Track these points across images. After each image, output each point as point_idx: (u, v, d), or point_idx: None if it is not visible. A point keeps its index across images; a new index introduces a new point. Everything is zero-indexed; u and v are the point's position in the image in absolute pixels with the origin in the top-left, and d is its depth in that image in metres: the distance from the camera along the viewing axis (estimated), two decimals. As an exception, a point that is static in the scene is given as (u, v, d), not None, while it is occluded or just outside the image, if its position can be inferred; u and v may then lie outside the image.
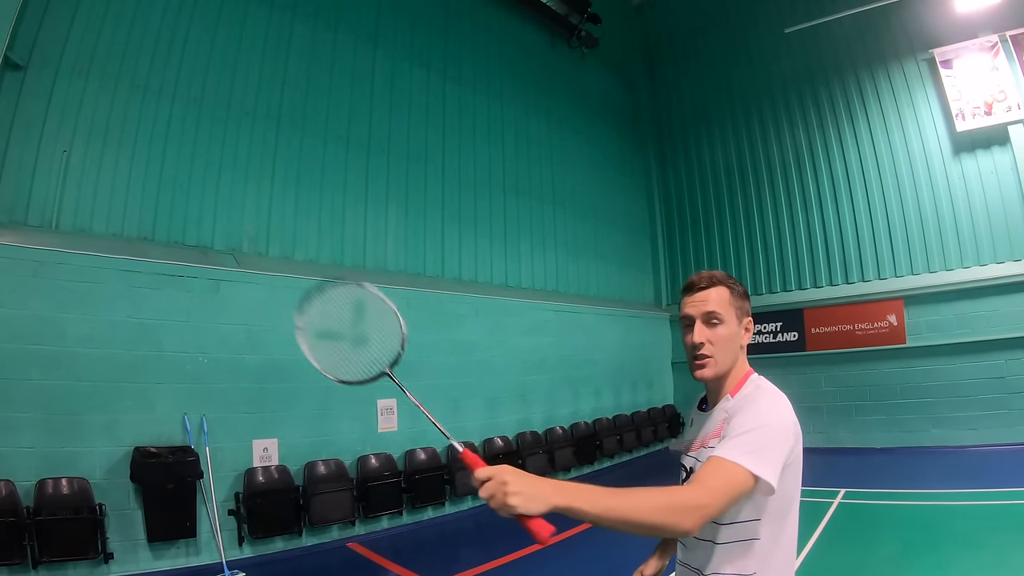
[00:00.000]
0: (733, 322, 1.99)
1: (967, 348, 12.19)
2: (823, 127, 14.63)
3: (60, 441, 6.16)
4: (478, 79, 12.24)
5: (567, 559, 7.07)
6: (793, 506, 1.91)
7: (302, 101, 8.99)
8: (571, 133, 14.70)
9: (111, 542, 6.26)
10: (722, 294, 2.00)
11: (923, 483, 9.33)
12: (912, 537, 6.92)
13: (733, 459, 1.69)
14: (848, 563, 6.26)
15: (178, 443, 6.89)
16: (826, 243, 14.40)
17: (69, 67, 6.75)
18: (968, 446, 11.85)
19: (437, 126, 11.13)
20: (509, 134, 12.78)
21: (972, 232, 12.40)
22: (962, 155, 12.62)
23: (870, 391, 13.31)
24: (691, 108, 17.29)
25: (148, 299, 6.90)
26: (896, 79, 13.50)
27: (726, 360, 1.99)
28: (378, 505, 8.43)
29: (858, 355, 13.60)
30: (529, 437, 11.32)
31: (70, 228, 6.63)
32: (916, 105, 13.21)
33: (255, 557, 7.32)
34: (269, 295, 7.98)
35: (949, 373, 12.35)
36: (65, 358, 6.28)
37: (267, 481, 7.55)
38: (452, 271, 10.85)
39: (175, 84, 7.62)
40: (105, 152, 6.97)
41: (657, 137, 18.04)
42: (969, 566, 5.80)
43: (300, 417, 8.13)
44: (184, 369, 7.10)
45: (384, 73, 10.29)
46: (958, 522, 7.25)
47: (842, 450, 13.20)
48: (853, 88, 14.20)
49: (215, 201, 7.87)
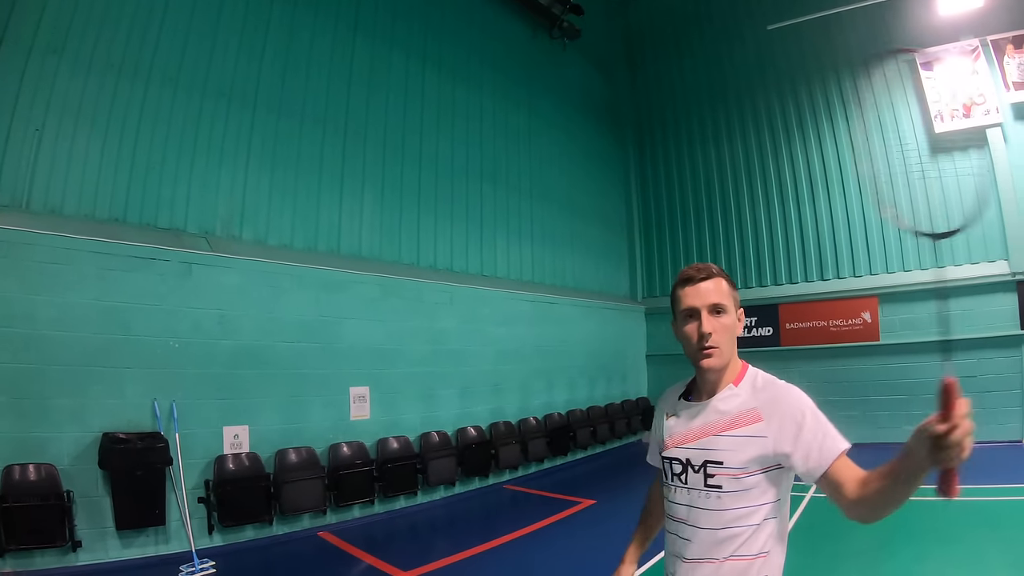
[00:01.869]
0: (733, 312, 2.05)
1: (940, 347, 12.40)
2: (803, 125, 14.73)
3: (28, 426, 6.01)
4: (458, 67, 12.14)
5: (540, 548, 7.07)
6: None
7: (279, 84, 8.83)
8: (550, 124, 14.66)
9: (79, 530, 6.12)
10: (721, 285, 2.04)
11: (895, 478, 9.36)
12: (885, 531, 6.96)
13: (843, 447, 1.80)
14: (822, 556, 6.29)
15: (147, 429, 6.75)
16: (802, 240, 14.53)
17: (43, 44, 6.54)
18: (940, 443, 11.99)
19: (415, 113, 11.02)
20: (487, 123, 12.70)
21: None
22: (939, 156, 12.75)
23: (844, 387, 13.44)
24: (671, 103, 17.33)
25: (119, 282, 6.74)
26: (877, 79, 13.59)
27: (730, 349, 2.04)
28: (350, 494, 8.36)
29: (832, 351, 13.76)
30: (503, 427, 11.29)
31: (41, 208, 6.45)
32: (895, 105, 13.32)
33: (225, 546, 7.22)
34: (242, 280, 7.86)
35: (922, 371, 12.49)
36: (34, 341, 6.11)
37: (238, 468, 7.44)
38: (427, 259, 10.76)
39: (150, 64, 7.42)
40: (78, 131, 6.78)
41: (636, 131, 18.08)
42: (943, 561, 5.87)
43: (272, 404, 8.02)
44: (155, 354, 6.96)
45: (363, 58, 10.15)
46: (931, 517, 7.30)
47: (814, 445, 13.34)
48: (834, 87, 14.31)
49: (189, 183, 7.71)
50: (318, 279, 8.63)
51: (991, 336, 11.87)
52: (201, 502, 7.11)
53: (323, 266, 8.72)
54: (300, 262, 8.56)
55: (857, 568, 5.90)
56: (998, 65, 12.11)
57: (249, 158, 8.38)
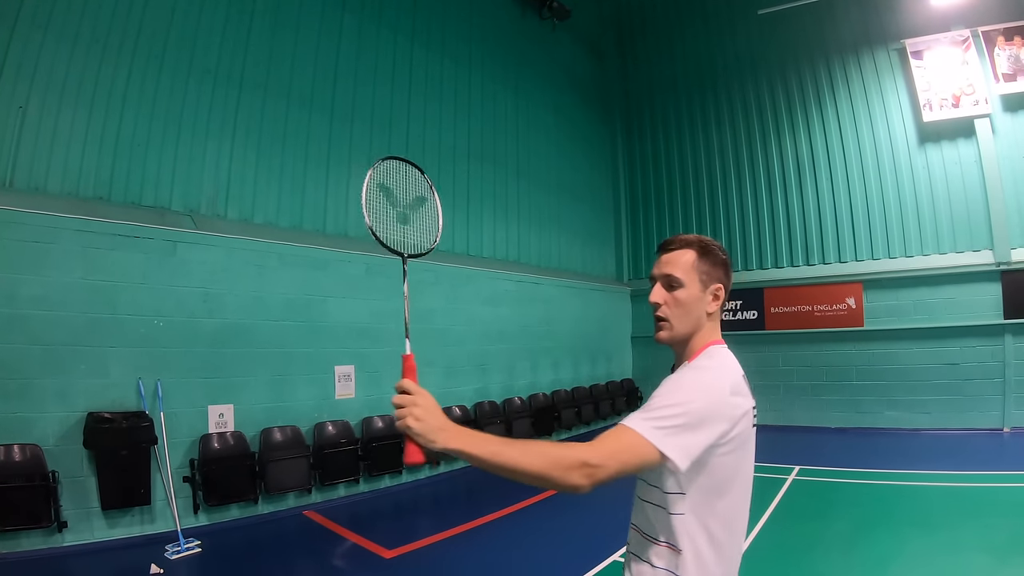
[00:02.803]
0: (695, 287, 1.93)
1: (924, 334, 12.55)
2: (791, 109, 14.73)
3: (12, 407, 5.95)
4: (446, 45, 12.00)
5: (523, 528, 7.13)
6: (731, 488, 1.83)
7: (266, 61, 8.69)
8: (538, 104, 14.56)
9: (64, 510, 6.10)
10: (687, 257, 1.94)
11: (877, 463, 9.55)
12: (866, 515, 7.08)
13: (640, 431, 1.65)
14: (801, 538, 6.39)
15: (132, 408, 6.71)
16: (788, 224, 14.59)
17: (27, 20, 6.37)
18: (921, 429, 12.28)
19: (403, 91, 10.89)
20: (476, 102, 12.60)
21: (933, 221, 12.68)
22: (927, 145, 12.85)
23: (827, 371, 13.63)
24: (660, 85, 17.25)
25: (103, 260, 6.66)
26: (866, 67, 13.62)
27: (682, 325, 1.94)
28: (335, 473, 8.39)
29: (816, 336, 13.89)
30: (487, 407, 11.34)
31: (24, 187, 6.32)
32: (885, 93, 13.39)
33: (210, 525, 7.23)
34: (227, 258, 7.80)
35: (905, 357, 12.72)
36: (17, 321, 6.04)
37: (222, 448, 7.43)
38: (413, 238, 10.67)
39: (136, 40, 7.26)
40: (62, 109, 6.64)
41: (624, 113, 18.00)
42: (922, 545, 5.96)
43: (257, 383, 8.00)
44: (139, 332, 6.90)
45: (351, 34, 9.98)
46: (911, 502, 7.46)
47: (797, 428, 13.53)
48: (823, 73, 14.30)
49: (173, 161, 7.59)
50: (303, 257, 8.57)
51: (974, 325, 12.03)
52: (186, 481, 7.10)
53: (308, 244, 8.65)
54: (286, 240, 8.49)
55: (838, 551, 5.97)
56: (988, 56, 12.16)
57: (235, 136, 8.25)
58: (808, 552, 5.95)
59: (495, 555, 6.39)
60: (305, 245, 8.60)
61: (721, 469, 1.76)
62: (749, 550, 5.99)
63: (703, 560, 1.78)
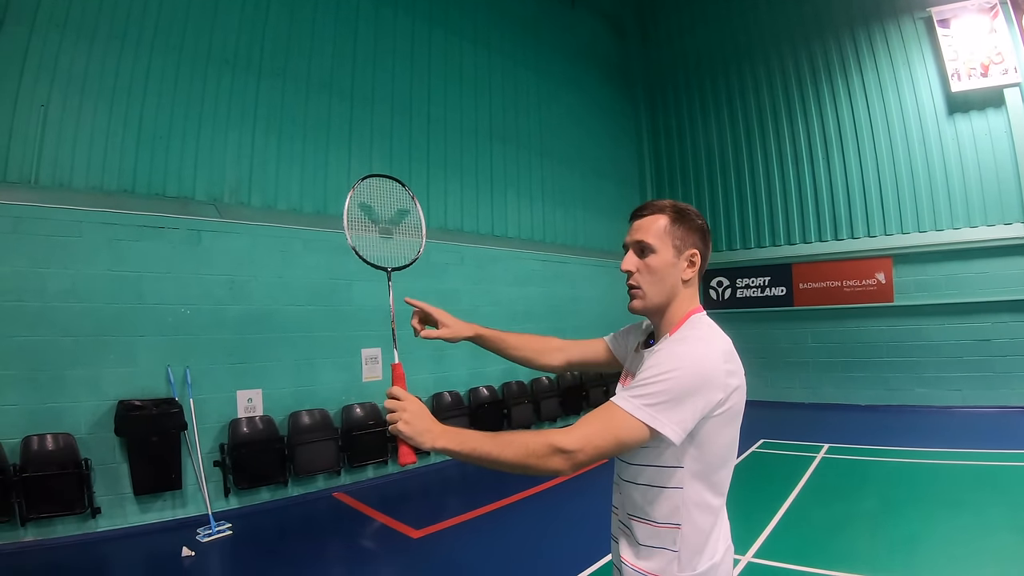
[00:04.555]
0: (668, 253, 1.89)
1: (955, 309, 12.25)
2: (816, 82, 14.37)
3: (44, 397, 6.14)
4: (464, 26, 11.90)
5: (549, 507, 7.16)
6: (728, 458, 1.84)
7: (284, 49, 8.70)
8: (559, 82, 14.39)
9: (98, 496, 6.29)
10: (660, 223, 1.90)
11: (907, 441, 9.42)
12: (894, 493, 7.02)
13: (627, 409, 1.65)
14: (829, 516, 6.35)
15: (162, 395, 6.85)
16: (816, 198, 14.29)
17: (45, 20, 6.47)
18: (952, 407, 12.04)
19: (422, 73, 10.84)
20: (496, 82, 12.50)
21: (964, 194, 12.32)
22: (956, 116, 12.45)
23: (856, 348, 13.41)
24: (683, 59, 16.92)
25: (129, 251, 6.80)
26: (892, 36, 13.21)
27: (655, 293, 1.91)
28: (363, 455, 8.48)
29: (845, 312, 13.66)
30: (515, 387, 11.37)
31: (50, 183, 6.45)
32: (911, 63, 12.97)
33: (241, 508, 7.37)
34: (251, 245, 7.90)
35: (936, 334, 12.45)
36: (47, 313, 6.21)
37: (252, 432, 7.56)
38: (437, 220, 10.67)
39: (153, 34, 7.33)
40: (83, 105, 6.74)
41: (647, 88, 17.71)
42: (952, 524, 5.88)
43: (284, 367, 8.11)
44: (166, 321, 7.03)
45: (368, 19, 9.94)
46: (940, 481, 7.35)
47: (827, 406, 13.40)
48: (848, 44, 13.90)
49: (196, 152, 7.66)
50: (327, 242, 8.60)
51: (1007, 300, 11.72)
52: (216, 465, 7.25)
53: (332, 229, 8.69)
54: (309, 226, 8.55)
55: (866, 530, 5.93)
56: (1017, 23, 11.73)
57: (256, 124, 8.29)
58: (836, 531, 5.90)
59: (521, 535, 6.44)
60: (329, 230, 8.62)
61: (713, 439, 1.75)
62: (777, 528, 6.01)
63: (702, 531, 1.80)
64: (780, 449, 9.41)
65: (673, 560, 1.78)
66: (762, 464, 8.77)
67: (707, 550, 1.80)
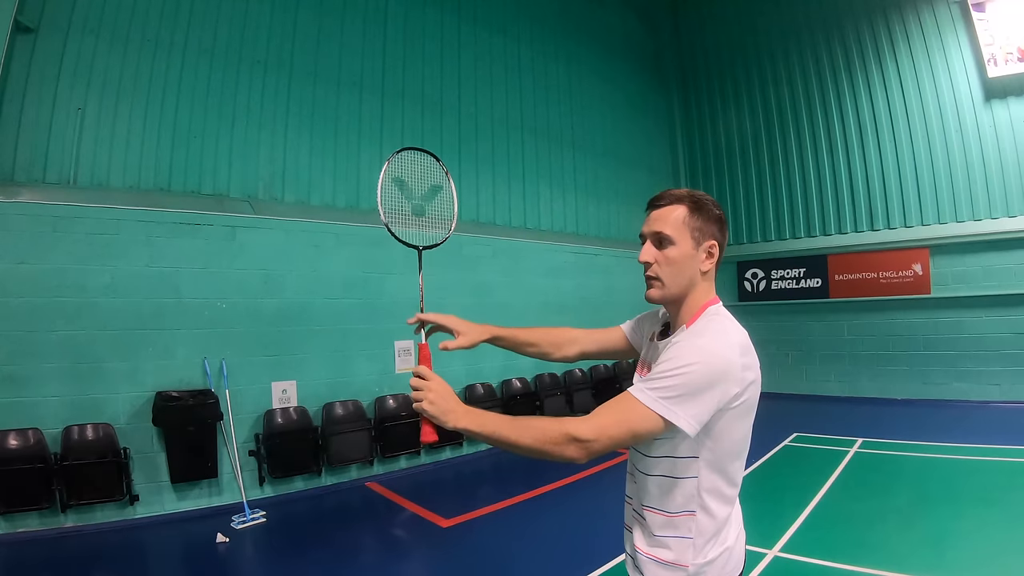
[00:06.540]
0: (687, 244, 1.89)
1: (994, 301, 11.92)
2: (851, 70, 14.08)
3: (85, 389, 6.37)
4: (493, 20, 11.90)
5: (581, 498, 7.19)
6: (742, 450, 1.86)
7: (314, 47, 8.83)
8: (591, 74, 14.35)
9: (136, 484, 6.53)
10: (678, 213, 1.90)
11: (943, 436, 9.24)
12: (927, 489, 6.92)
13: (644, 401, 1.66)
14: (859, 511, 6.29)
15: (198, 387, 7.05)
16: (852, 188, 14.01)
17: (79, 26, 6.70)
18: (991, 402, 11.75)
19: (452, 68, 10.90)
20: (527, 76, 12.49)
21: (1002, 182, 11.95)
22: (993, 102, 12.09)
23: (893, 341, 13.16)
24: (715, 49, 16.74)
25: (166, 248, 7.00)
26: (927, 22, 12.86)
27: (674, 284, 1.92)
28: (396, 445, 8.59)
29: (882, 304, 13.41)
30: (547, 379, 11.39)
31: (88, 183, 6.69)
32: (947, 49, 12.61)
33: (275, 496, 7.55)
34: (285, 240, 8.05)
35: (975, 326, 12.12)
36: (87, 308, 6.44)
37: (286, 422, 7.71)
38: (469, 213, 10.75)
39: (185, 36, 7.52)
40: (119, 107, 6.96)
41: (680, 79, 17.54)
42: (980, 520, 5.80)
43: (318, 359, 8.26)
44: (203, 315, 7.22)
45: (396, 16, 10.03)
46: (979, 478, 7.19)
47: (862, 399, 13.21)
48: (882, 31, 13.57)
49: (230, 150, 7.85)
50: (360, 236, 8.72)
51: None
52: (251, 455, 7.43)
53: (365, 223, 8.79)
54: (343, 220, 8.67)
55: (896, 525, 5.87)
56: (1055, 6, 11.42)
57: (288, 122, 8.45)
58: (865, 527, 5.84)
59: (550, 525, 6.48)
60: (362, 224, 8.74)
61: (729, 431, 1.77)
62: (805, 523, 5.98)
63: (716, 519, 1.82)
64: (813, 443, 9.33)
65: (687, 548, 1.80)
66: (794, 458, 8.71)
67: (719, 537, 1.83)
